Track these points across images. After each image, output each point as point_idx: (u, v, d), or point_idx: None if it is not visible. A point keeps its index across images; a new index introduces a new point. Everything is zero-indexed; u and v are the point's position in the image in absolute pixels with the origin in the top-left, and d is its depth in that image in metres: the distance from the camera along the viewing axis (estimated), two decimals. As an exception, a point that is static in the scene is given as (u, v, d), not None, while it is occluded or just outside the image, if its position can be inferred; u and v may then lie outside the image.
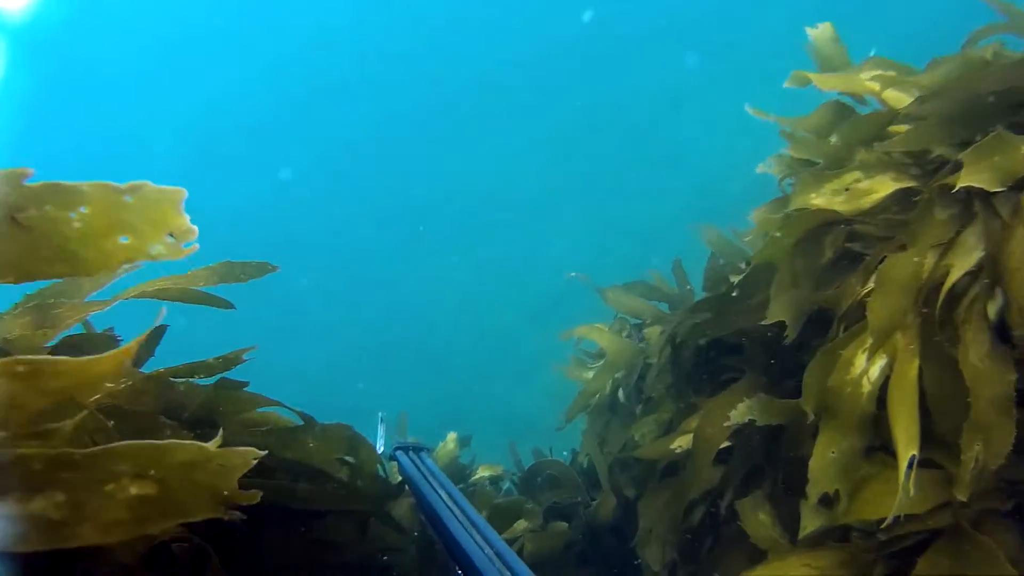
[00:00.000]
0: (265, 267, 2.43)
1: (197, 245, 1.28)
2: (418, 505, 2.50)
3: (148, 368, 2.22)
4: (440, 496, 2.37)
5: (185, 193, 1.25)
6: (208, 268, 2.33)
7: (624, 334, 4.64)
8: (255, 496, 1.54)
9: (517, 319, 19.71)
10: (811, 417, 2.63)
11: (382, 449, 3.37)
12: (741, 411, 2.76)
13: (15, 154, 28.14)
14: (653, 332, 4.41)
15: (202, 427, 2.10)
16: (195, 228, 1.24)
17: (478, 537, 2.09)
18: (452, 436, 5.10)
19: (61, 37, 27.14)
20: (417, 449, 2.84)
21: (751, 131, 18.70)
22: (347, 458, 2.67)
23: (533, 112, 24.61)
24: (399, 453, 2.83)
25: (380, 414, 3.73)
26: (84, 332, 2.28)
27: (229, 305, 2.43)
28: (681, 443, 3.36)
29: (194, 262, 2.23)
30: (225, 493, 1.49)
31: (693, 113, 21.90)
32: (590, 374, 4.98)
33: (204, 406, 2.20)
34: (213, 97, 28.59)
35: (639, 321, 4.79)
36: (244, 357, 2.32)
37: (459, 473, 4.91)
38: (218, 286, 2.36)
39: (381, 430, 3.62)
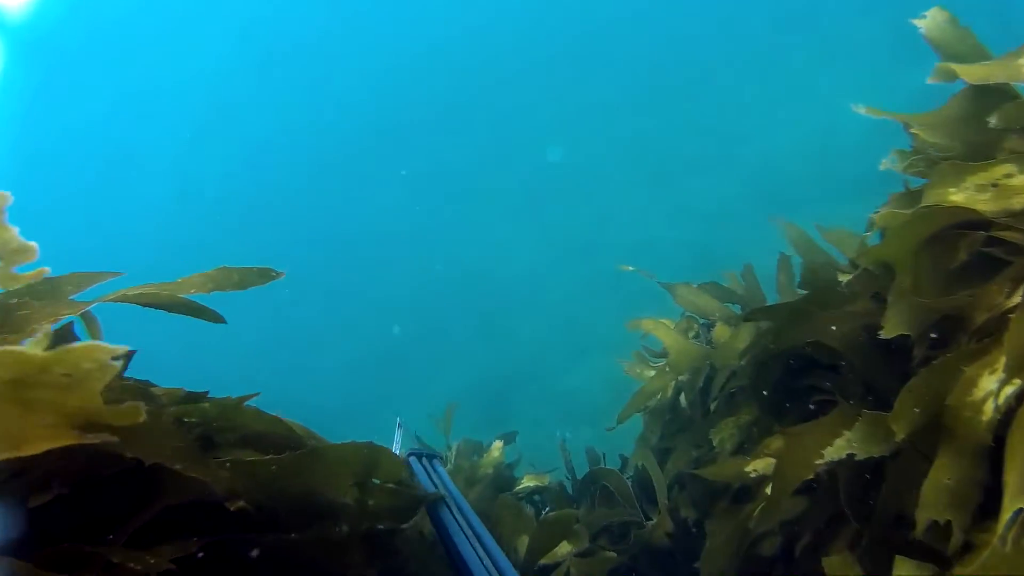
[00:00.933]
0: (268, 274, 2.21)
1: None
2: (428, 513, 2.54)
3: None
4: (447, 505, 2.45)
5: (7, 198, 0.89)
6: (203, 275, 2.12)
7: (691, 334, 4.18)
8: (134, 412, 1.27)
9: (576, 294, 19.28)
10: (900, 436, 2.22)
11: (401, 452, 3.36)
12: (838, 447, 2.30)
13: (15, 153, 29.11)
14: (722, 333, 3.93)
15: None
16: (32, 245, 0.89)
17: (480, 550, 2.19)
18: (498, 444, 4.66)
19: (60, 36, 27.80)
20: (431, 456, 2.92)
21: (813, 116, 17.97)
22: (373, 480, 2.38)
23: (603, 84, 24.10)
24: (412, 460, 2.89)
25: (398, 419, 3.72)
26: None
27: (220, 319, 2.21)
28: (757, 467, 2.92)
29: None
30: (83, 412, 1.20)
31: (758, 93, 21.18)
32: (651, 373, 4.54)
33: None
34: (212, 96, 28.94)
35: (707, 321, 4.30)
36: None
37: (506, 483, 4.49)
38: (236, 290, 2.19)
39: (398, 435, 3.64)
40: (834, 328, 2.63)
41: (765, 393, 3.06)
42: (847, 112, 3.21)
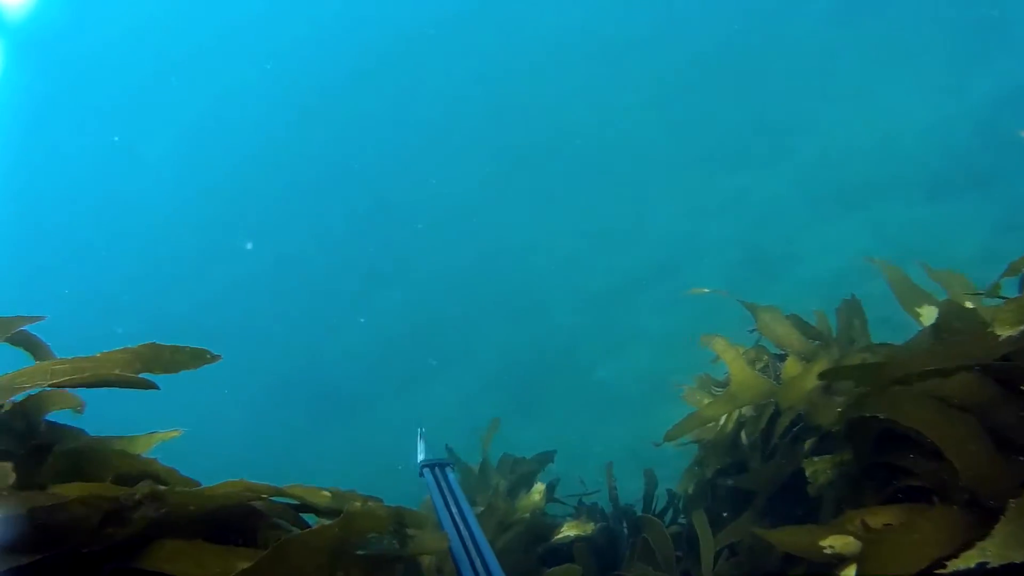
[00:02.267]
0: (202, 356, 2.16)
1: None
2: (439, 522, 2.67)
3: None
4: (451, 514, 2.58)
5: None
6: (130, 351, 2.10)
7: (759, 366, 3.75)
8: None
9: (616, 285, 18.82)
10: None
11: (421, 459, 3.53)
12: (969, 556, 1.84)
13: (15, 152, 29.35)
14: (792, 369, 3.49)
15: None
16: None
17: (477, 560, 2.30)
18: (539, 488, 4.33)
19: (60, 36, 27.92)
20: (443, 465, 3.08)
21: (875, 114, 17.31)
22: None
23: (656, 69, 23.54)
24: (426, 471, 3.09)
25: (420, 429, 3.85)
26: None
27: (152, 386, 2.12)
28: (836, 544, 2.50)
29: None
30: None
31: (819, 86, 20.47)
32: (707, 400, 4.16)
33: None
34: (212, 96, 29.17)
35: (781, 352, 3.87)
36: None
37: (543, 531, 4.12)
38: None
39: (421, 445, 3.75)
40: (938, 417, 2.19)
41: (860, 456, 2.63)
42: (910, 112, 2.80)
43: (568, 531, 3.95)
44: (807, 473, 2.89)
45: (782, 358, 3.82)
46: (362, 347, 21.98)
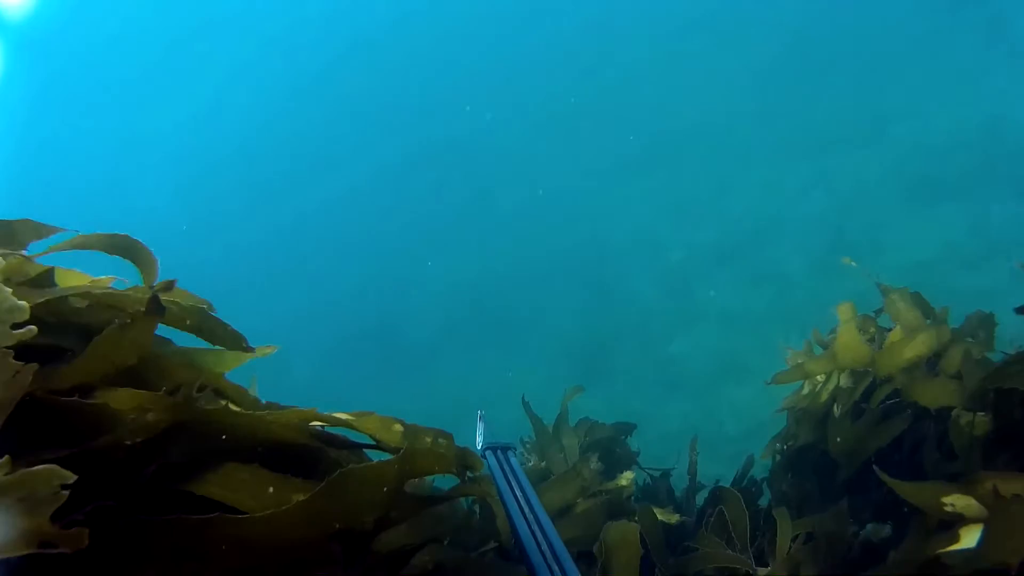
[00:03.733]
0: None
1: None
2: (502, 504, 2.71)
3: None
4: (516, 497, 2.55)
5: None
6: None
7: (866, 338, 3.67)
8: (79, 538, 1.34)
9: (693, 261, 18.60)
10: None
11: (480, 445, 3.45)
12: None
13: (15, 151, 29.79)
14: (896, 336, 3.42)
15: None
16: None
17: (542, 540, 2.26)
18: (628, 476, 4.21)
19: (61, 36, 28.02)
20: (504, 449, 3.05)
21: (977, 104, 16.59)
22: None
23: (750, 44, 22.94)
24: (488, 453, 3.04)
25: (480, 412, 3.79)
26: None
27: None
28: (957, 503, 2.43)
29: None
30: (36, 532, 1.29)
31: (920, 71, 19.65)
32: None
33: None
34: (213, 96, 29.12)
35: (890, 327, 3.79)
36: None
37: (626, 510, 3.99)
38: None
39: (480, 427, 3.68)
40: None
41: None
42: (1015, 105, 2.68)
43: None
44: (960, 423, 2.80)
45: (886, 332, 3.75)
46: (434, 303, 22.14)
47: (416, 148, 27.15)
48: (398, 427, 2.43)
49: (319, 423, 2.18)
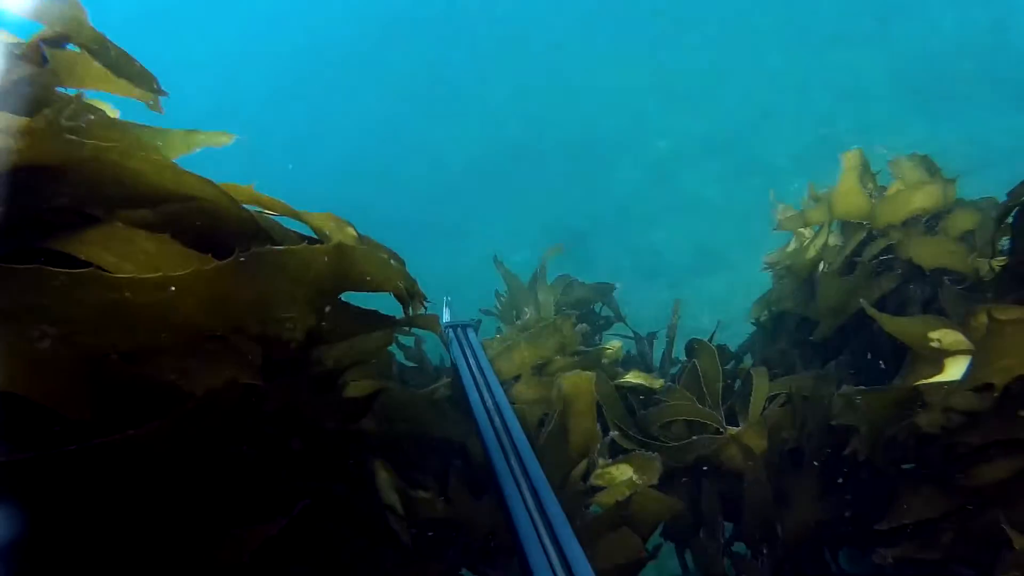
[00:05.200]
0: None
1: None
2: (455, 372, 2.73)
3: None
4: (472, 372, 2.62)
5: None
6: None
7: (866, 187, 3.50)
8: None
9: (679, 151, 18.23)
10: None
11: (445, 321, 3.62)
12: None
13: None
14: (895, 188, 3.26)
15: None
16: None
17: (496, 419, 2.30)
18: (616, 345, 3.96)
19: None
20: (465, 326, 3.21)
21: (988, 5, 16.07)
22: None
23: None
24: (448, 331, 3.19)
25: (446, 297, 4.02)
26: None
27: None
28: (943, 338, 2.33)
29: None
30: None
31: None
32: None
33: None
34: (212, 95, 28.05)
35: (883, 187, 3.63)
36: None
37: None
38: None
39: (446, 313, 3.91)
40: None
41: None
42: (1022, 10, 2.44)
43: (632, 378, 3.53)
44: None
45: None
46: (415, 183, 21.84)
47: (404, 24, 26.49)
48: (352, 231, 2.22)
49: (257, 207, 1.85)
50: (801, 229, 4.13)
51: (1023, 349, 1.86)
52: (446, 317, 3.85)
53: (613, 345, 3.97)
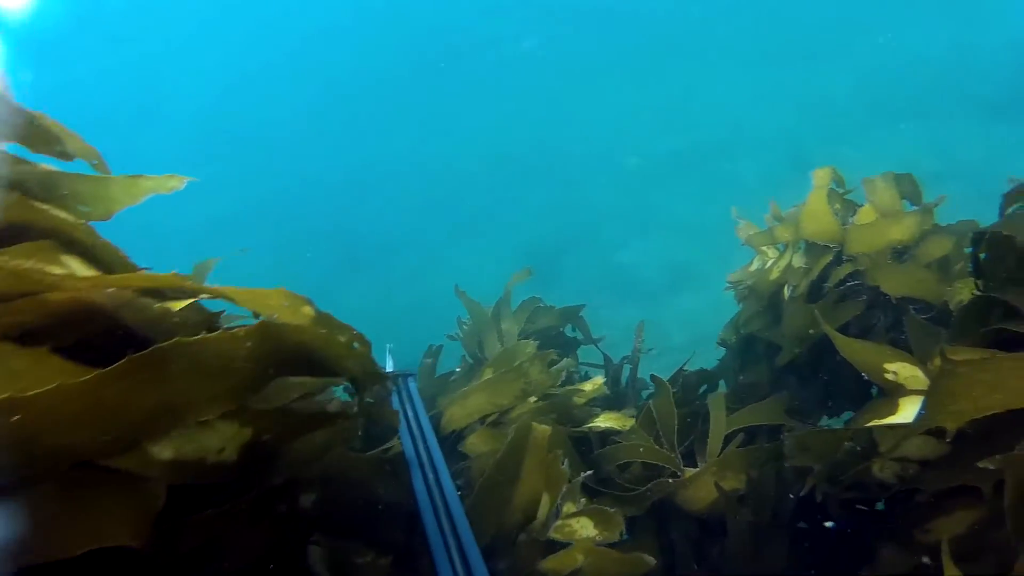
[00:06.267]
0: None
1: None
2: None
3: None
4: (409, 423, 2.55)
5: None
6: None
7: (834, 208, 3.37)
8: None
9: (649, 169, 18.23)
10: None
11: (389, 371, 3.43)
12: None
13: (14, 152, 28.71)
14: (867, 216, 3.14)
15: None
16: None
17: (430, 473, 2.21)
18: (597, 381, 3.64)
19: (61, 36, 27.40)
20: (404, 376, 3.01)
21: (949, 21, 16.27)
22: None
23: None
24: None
25: (388, 346, 3.87)
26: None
27: None
28: (899, 372, 2.21)
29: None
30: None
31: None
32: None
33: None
34: (212, 97, 28.38)
35: (852, 201, 3.50)
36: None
37: (576, 419, 3.37)
38: None
39: (389, 360, 3.76)
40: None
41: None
42: (992, 23, 2.37)
43: (603, 422, 3.21)
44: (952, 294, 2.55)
45: (852, 209, 3.45)
46: (391, 201, 21.74)
47: (385, 42, 26.50)
48: (308, 310, 1.72)
49: (190, 295, 1.55)
50: (765, 248, 4.02)
51: (977, 392, 1.75)
52: (389, 366, 3.71)
53: (594, 382, 3.64)
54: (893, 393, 2.11)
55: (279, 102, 27.35)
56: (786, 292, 3.47)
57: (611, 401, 4.01)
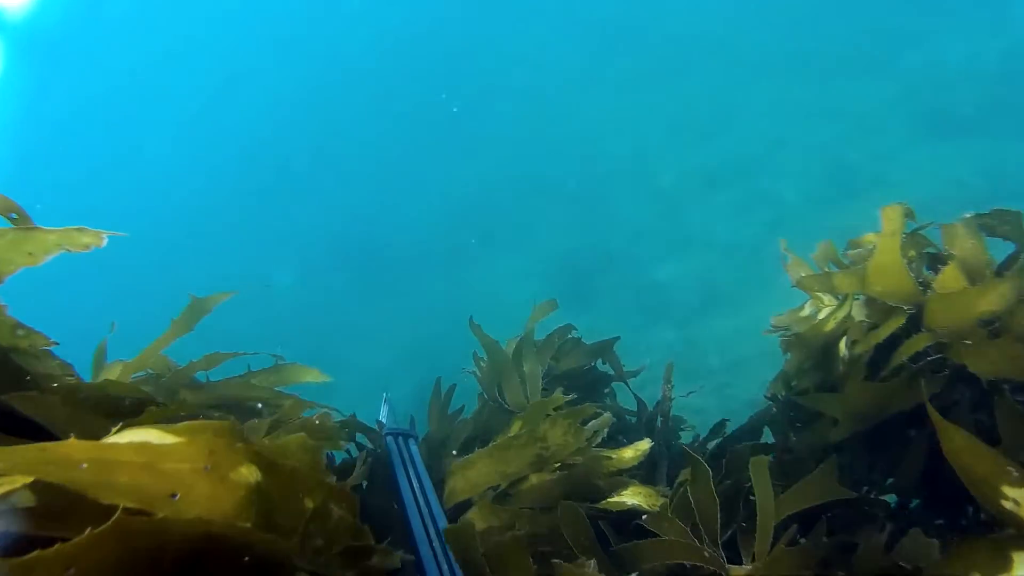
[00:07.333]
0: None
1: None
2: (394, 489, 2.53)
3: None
4: (411, 485, 2.49)
5: None
6: None
7: (907, 258, 2.88)
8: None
9: (685, 183, 17.70)
10: None
11: (386, 426, 3.36)
12: None
13: (15, 152, 29.88)
14: (952, 279, 2.62)
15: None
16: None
17: (433, 533, 2.23)
18: (642, 445, 3.09)
19: (60, 36, 27.92)
20: (406, 436, 3.00)
21: (1002, 33, 15.68)
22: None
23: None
24: (389, 439, 2.99)
25: (384, 395, 3.74)
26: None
27: None
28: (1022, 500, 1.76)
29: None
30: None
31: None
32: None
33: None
34: (211, 96, 28.75)
35: (935, 251, 2.98)
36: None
37: (595, 493, 2.90)
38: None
39: (384, 410, 3.63)
40: None
41: None
42: None
43: (628, 497, 2.77)
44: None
45: (935, 259, 2.94)
46: (421, 219, 21.57)
47: (408, 60, 26.48)
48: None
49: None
50: (819, 293, 3.57)
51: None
52: (384, 417, 3.55)
53: (637, 448, 3.08)
54: (1004, 524, 1.65)
55: (307, 120, 27.41)
56: (842, 348, 3.02)
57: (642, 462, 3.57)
